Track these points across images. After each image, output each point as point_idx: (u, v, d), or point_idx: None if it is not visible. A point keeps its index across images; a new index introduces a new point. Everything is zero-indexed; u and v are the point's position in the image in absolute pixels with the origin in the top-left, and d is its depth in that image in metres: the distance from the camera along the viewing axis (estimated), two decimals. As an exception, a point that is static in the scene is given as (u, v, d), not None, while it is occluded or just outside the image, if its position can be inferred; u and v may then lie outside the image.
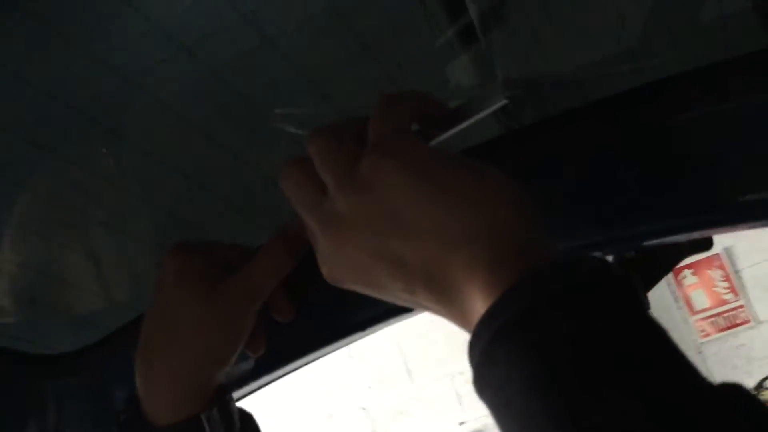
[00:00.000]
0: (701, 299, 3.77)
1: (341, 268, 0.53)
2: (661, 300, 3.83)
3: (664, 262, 0.77)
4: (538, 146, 0.72)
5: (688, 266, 3.80)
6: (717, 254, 3.74)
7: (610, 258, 0.82)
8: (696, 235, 0.71)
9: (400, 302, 0.52)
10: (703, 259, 3.76)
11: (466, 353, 0.44)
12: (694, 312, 3.77)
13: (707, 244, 0.75)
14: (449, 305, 0.48)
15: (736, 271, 3.72)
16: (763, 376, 3.51)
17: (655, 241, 0.72)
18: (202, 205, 0.86)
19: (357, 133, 0.55)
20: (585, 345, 0.40)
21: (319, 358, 0.99)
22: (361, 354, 4.34)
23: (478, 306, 0.44)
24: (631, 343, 0.40)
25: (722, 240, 3.75)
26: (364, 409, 4.32)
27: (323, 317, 0.88)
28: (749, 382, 3.54)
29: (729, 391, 0.40)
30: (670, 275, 3.82)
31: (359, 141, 0.54)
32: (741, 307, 3.70)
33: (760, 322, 3.66)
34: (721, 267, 3.74)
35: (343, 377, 4.37)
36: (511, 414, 0.40)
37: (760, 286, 3.67)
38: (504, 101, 0.55)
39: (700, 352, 3.74)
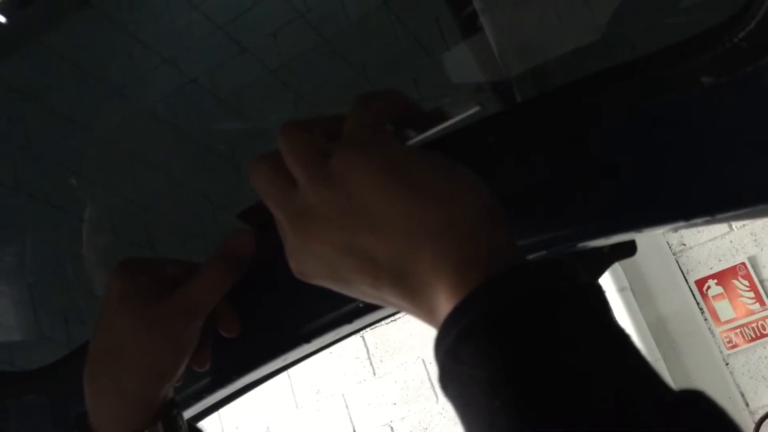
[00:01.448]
0: (727, 310, 3.69)
1: (309, 262, 0.53)
2: (686, 311, 3.75)
3: (590, 271, 0.77)
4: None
5: (712, 276, 3.72)
6: (742, 263, 3.66)
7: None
8: (614, 239, 0.71)
9: (368, 299, 0.52)
10: (728, 269, 3.69)
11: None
12: (720, 323, 3.69)
13: (630, 250, 0.75)
14: (416, 302, 0.48)
15: (762, 281, 3.63)
16: (794, 387, 3.42)
17: (575, 245, 0.72)
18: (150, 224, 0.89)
19: (329, 129, 0.55)
20: (547, 348, 0.41)
21: (275, 371, 1.00)
22: (386, 371, 4.34)
23: (445, 304, 0.45)
24: (593, 347, 0.41)
25: (746, 249, 3.67)
26: (389, 426, 4.31)
27: (269, 330, 0.89)
28: (779, 394, 3.45)
29: (690, 398, 0.40)
30: (694, 286, 3.75)
31: (331, 137, 0.54)
32: (768, 317, 3.61)
33: (789, 333, 3.56)
34: (747, 277, 3.65)
35: (369, 394, 4.37)
36: (473, 413, 0.41)
37: (786, 295, 3.58)
38: (476, 108, 0.56)
39: (727, 364, 3.65)
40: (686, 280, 3.78)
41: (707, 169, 0.61)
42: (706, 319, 3.72)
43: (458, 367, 0.42)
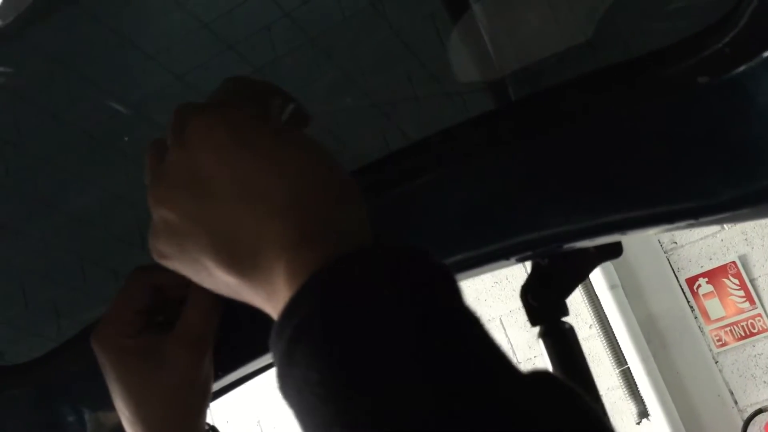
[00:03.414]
0: (717, 308, 3.70)
1: (162, 237, 0.50)
2: (676, 309, 3.77)
3: (577, 271, 0.77)
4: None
5: (703, 275, 3.74)
6: (732, 262, 3.68)
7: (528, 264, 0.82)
8: (603, 239, 0.72)
9: (219, 288, 0.49)
10: (719, 267, 3.70)
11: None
12: (710, 321, 3.71)
13: (616, 251, 0.76)
14: (255, 286, 0.45)
15: (752, 280, 3.65)
16: (782, 386, 3.44)
17: (562, 246, 0.72)
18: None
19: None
20: (385, 344, 0.38)
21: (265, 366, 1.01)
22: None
23: (283, 291, 0.42)
24: (438, 340, 0.38)
25: (736, 248, 3.68)
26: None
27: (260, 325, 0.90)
28: (768, 393, 3.48)
29: (539, 379, 0.39)
30: (685, 284, 3.77)
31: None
32: (758, 315, 3.62)
33: (778, 331, 3.58)
34: (737, 275, 3.67)
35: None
36: (310, 421, 0.39)
37: (776, 294, 3.60)
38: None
39: (716, 362, 3.67)
40: (677, 278, 3.80)
41: (691, 173, 0.61)
42: (696, 318, 3.74)
43: (293, 370, 0.39)
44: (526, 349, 3.98)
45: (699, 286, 3.75)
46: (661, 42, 0.58)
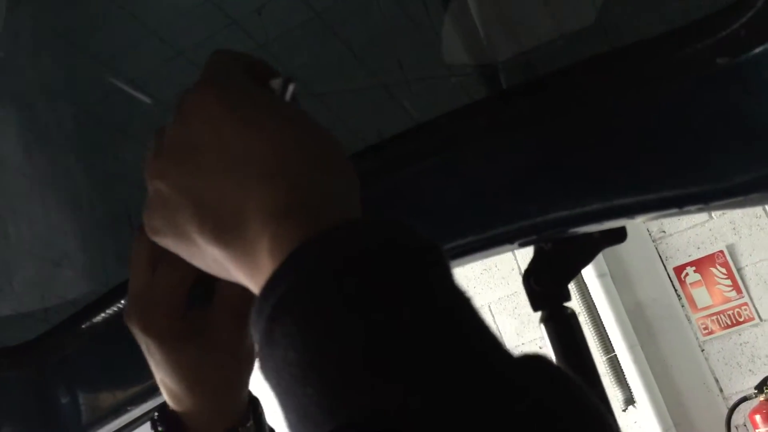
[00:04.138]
0: (704, 297, 3.73)
1: (156, 211, 0.49)
2: (664, 297, 3.79)
3: (580, 255, 0.77)
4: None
5: (690, 264, 3.76)
6: (720, 251, 3.70)
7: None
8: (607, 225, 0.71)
9: (209, 264, 0.48)
10: (706, 256, 3.73)
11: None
12: (697, 310, 3.74)
13: (621, 235, 0.75)
14: (241, 261, 0.44)
15: (739, 269, 3.68)
16: (767, 374, 3.47)
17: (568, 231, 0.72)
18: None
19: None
20: (367, 321, 0.36)
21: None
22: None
23: (266, 263, 0.41)
24: (424, 317, 0.37)
25: (724, 237, 3.71)
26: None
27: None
28: (753, 380, 3.50)
29: (530, 363, 0.38)
30: (673, 273, 3.79)
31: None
32: (744, 304, 3.65)
33: (763, 320, 3.61)
34: (724, 264, 3.70)
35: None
36: (289, 402, 0.37)
37: (763, 283, 3.62)
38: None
39: (702, 350, 3.70)
40: (665, 266, 3.82)
41: (702, 157, 0.60)
42: (683, 306, 3.77)
43: (273, 350, 0.38)
44: (514, 336, 3.99)
45: (687, 274, 3.78)
46: (674, 24, 0.57)
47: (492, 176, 0.73)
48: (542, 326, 0.79)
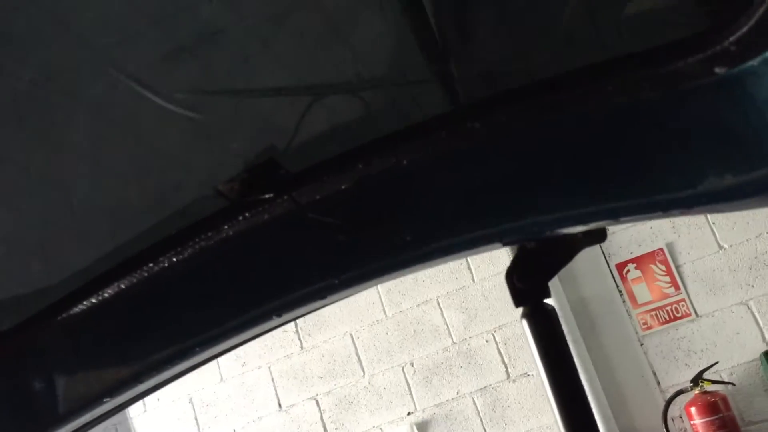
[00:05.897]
0: (644, 293, 3.86)
1: None
2: (606, 293, 3.90)
3: (563, 254, 0.80)
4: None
5: (632, 260, 3.88)
6: (660, 249, 3.84)
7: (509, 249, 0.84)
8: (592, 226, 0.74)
9: None
10: (647, 254, 3.86)
11: (416, 344, 0.39)
12: (637, 305, 3.86)
13: (601, 235, 0.78)
14: None
15: (678, 266, 3.82)
16: (702, 368, 3.61)
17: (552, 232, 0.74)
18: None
19: None
20: None
21: (238, 343, 1.00)
22: (313, 344, 4.35)
23: None
24: None
25: (664, 235, 3.84)
26: (315, 399, 4.34)
27: (240, 304, 0.89)
28: (689, 374, 3.64)
29: None
30: (615, 269, 3.91)
31: None
32: (682, 300, 3.80)
33: (700, 316, 3.76)
34: (664, 262, 3.83)
35: (295, 368, 4.37)
36: None
37: (699, 281, 3.77)
38: None
39: (642, 344, 3.83)
40: (608, 263, 3.93)
41: (688, 163, 0.64)
42: (624, 302, 3.89)
43: None
44: (462, 330, 4.06)
45: (628, 271, 3.90)
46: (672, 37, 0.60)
47: (479, 177, 0.75)
48: (524, 321, 0.82)
